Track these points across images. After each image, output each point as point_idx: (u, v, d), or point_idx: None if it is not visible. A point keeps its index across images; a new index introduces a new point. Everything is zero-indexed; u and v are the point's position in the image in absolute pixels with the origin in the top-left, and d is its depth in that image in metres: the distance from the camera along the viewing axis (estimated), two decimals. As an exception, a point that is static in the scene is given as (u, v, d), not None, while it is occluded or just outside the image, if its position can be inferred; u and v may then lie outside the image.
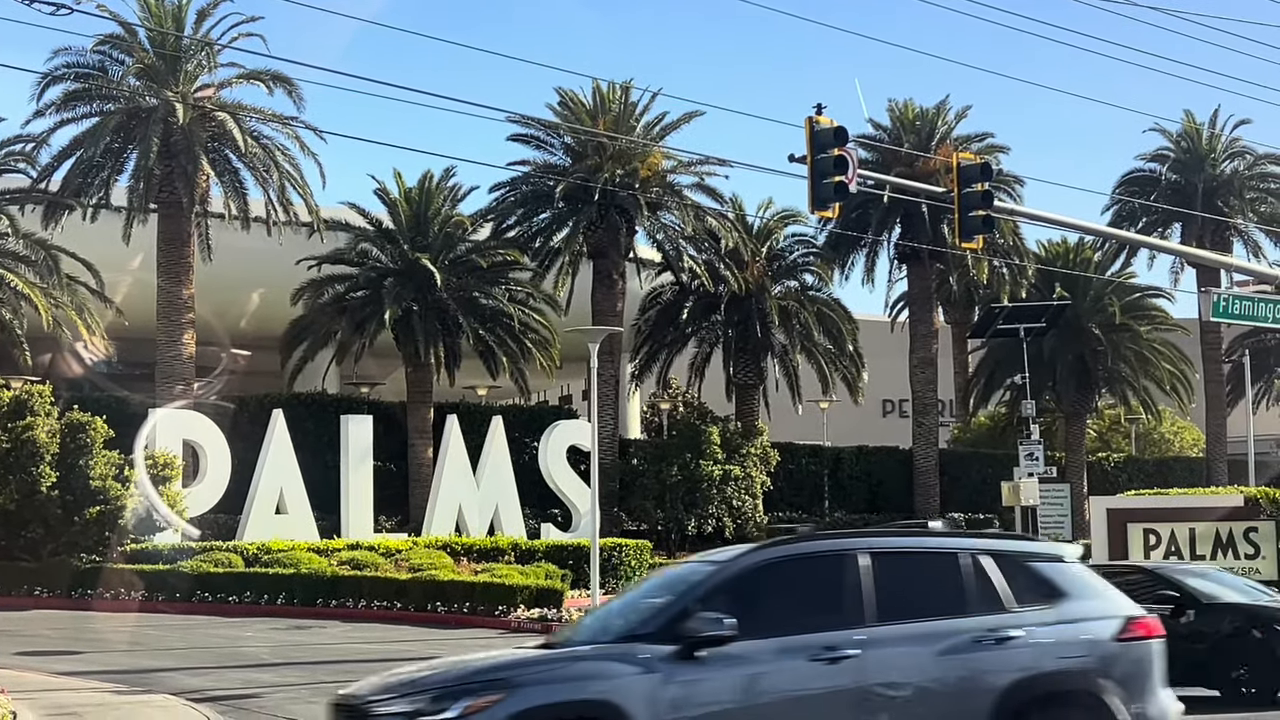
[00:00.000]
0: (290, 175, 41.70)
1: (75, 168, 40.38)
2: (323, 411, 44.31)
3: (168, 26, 40.48)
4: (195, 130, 39.87)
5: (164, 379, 40.80)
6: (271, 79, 41.04)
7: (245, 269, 46.62)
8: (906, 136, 53.84)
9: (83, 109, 40.58)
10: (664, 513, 46.15)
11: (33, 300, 38.29)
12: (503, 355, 45.24)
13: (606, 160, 46.75)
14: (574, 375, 62.38)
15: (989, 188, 27.39)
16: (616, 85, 48.15)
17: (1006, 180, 53.58)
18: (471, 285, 44.89)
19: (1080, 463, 58.26)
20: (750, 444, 48.34)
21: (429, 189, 45.36)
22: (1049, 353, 53.66)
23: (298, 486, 37.93)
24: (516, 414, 49.18)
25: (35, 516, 33.62)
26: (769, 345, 50.72)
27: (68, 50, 39.85)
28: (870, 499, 57.13)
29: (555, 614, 30.32)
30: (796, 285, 52.51)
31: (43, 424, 33.90)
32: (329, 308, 44.62)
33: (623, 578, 39.66)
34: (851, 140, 25.15)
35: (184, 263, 41.05)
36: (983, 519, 56.25)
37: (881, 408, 79.28)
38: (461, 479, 40.60)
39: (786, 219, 51.96)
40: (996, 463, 54.61)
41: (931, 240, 51.54)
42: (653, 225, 48.42)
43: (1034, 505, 36.49)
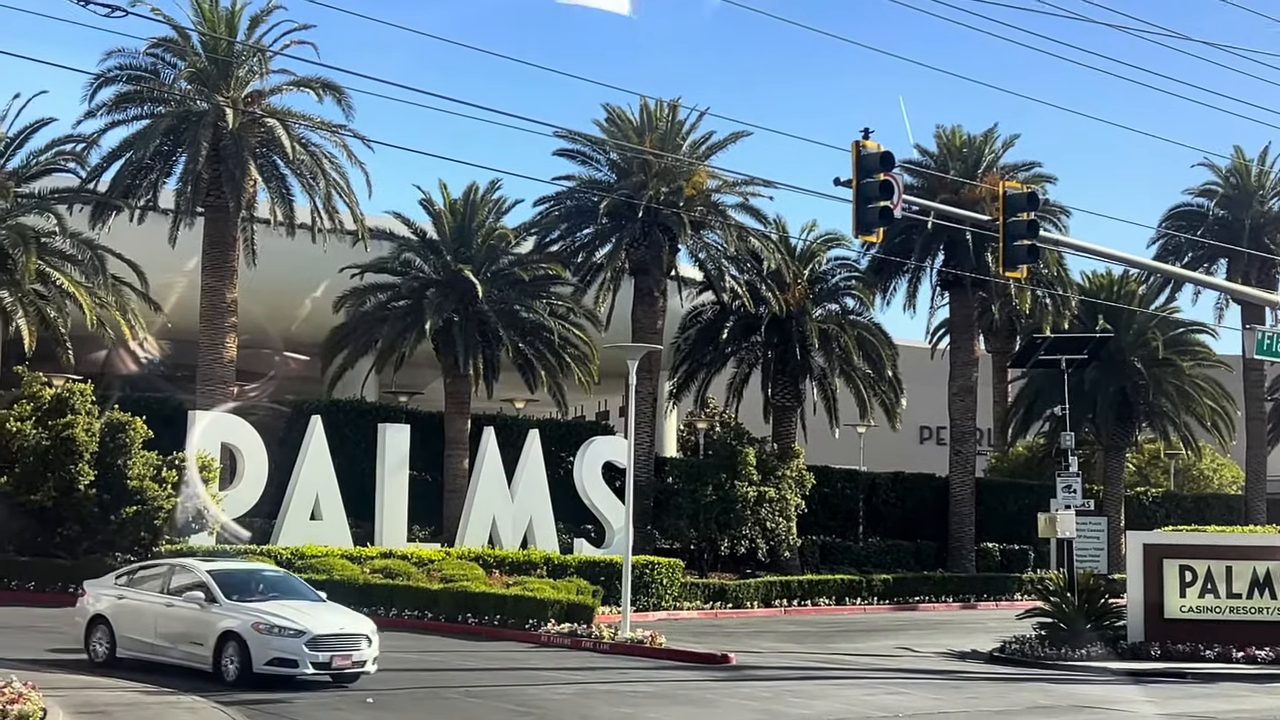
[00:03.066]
0: (336, 183, 41.87)
1: (124, 169, 40.61)
2: (361, 419, 44.44)
3: (221, 31, 40.72)
4: (244, 135, 40.09)
5: (205, 381, 40.98)
6: (322, 86, 41.23)
7: (288, 274, 46.76)
8: (953, 163, 53.71)
9: (134, 111, 40.84)
10: (698, 532, 46.05)
11: (78, 299, 38.52)
12: (541, 369, 45.25)
13: (651, 178, 46.77)
14: (612, 391, 62.40)
15: (1035, 217, 27.34)
16: (664, 103, 48.18)
17: (1052, 210, 53.44)
18: (513, 298, 44.94)
19: (1118, 496, 57.93)
20: (786, 466, 48.21)
21: (474, 201, 45.46)
22: (1090, 385, 53.37)
23: (334, 493, 38.05)
24: (553, 428, 49.21)
25: (72, 514, 33.84)
26: (808, 368, 50.59)
27: (121, 52, 40.19)
28: (905, 525, 56.90)
29: (586, 629, 30.33)
30: (838, 309, 52.37)
31: (82, 422, 34.14)
32: (370, 316, 44.74)
33: (654, 595, 39.68)
34: (897, 165, 25.16)
35: (228, 266, 41.26)
36: (1018, 550, 55.99)
37: (919, 434, 79.07)
38: (496, 491, 40.63)
39: (830, 242, 51.87)
40: (1033, 493, 54.36)
41: (975, 268, 51.36)
42: (696, 244, 48.40)
43: (1070, 538, 36.19)
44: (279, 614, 20.77)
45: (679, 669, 27.34)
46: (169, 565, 23.16)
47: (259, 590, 22.05)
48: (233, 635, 20.61)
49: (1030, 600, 40.58)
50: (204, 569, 22.08)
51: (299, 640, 20.47)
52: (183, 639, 21.35)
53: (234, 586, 21.68)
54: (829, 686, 25.63)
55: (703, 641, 31.60)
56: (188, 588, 21.61)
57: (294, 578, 24.06)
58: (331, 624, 21.11)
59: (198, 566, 22.32)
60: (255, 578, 22.78)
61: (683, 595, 41.15)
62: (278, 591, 22.19)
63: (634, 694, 22.42)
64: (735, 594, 43.12)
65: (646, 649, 29.30)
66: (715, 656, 28.84)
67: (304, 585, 23.37)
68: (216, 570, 22.13)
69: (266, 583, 22.57)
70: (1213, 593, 30.96)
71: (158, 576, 22.58)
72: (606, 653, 28.43)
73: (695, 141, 48.64)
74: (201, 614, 21.14)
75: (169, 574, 22.46)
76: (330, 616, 21.47)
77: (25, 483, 33.72)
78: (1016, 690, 25.86)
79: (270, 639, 20.41)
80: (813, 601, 44.94)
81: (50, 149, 39.74)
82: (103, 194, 40.62)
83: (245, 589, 21.85)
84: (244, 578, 22.52)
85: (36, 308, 38.48)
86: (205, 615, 21.09)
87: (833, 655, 31.51)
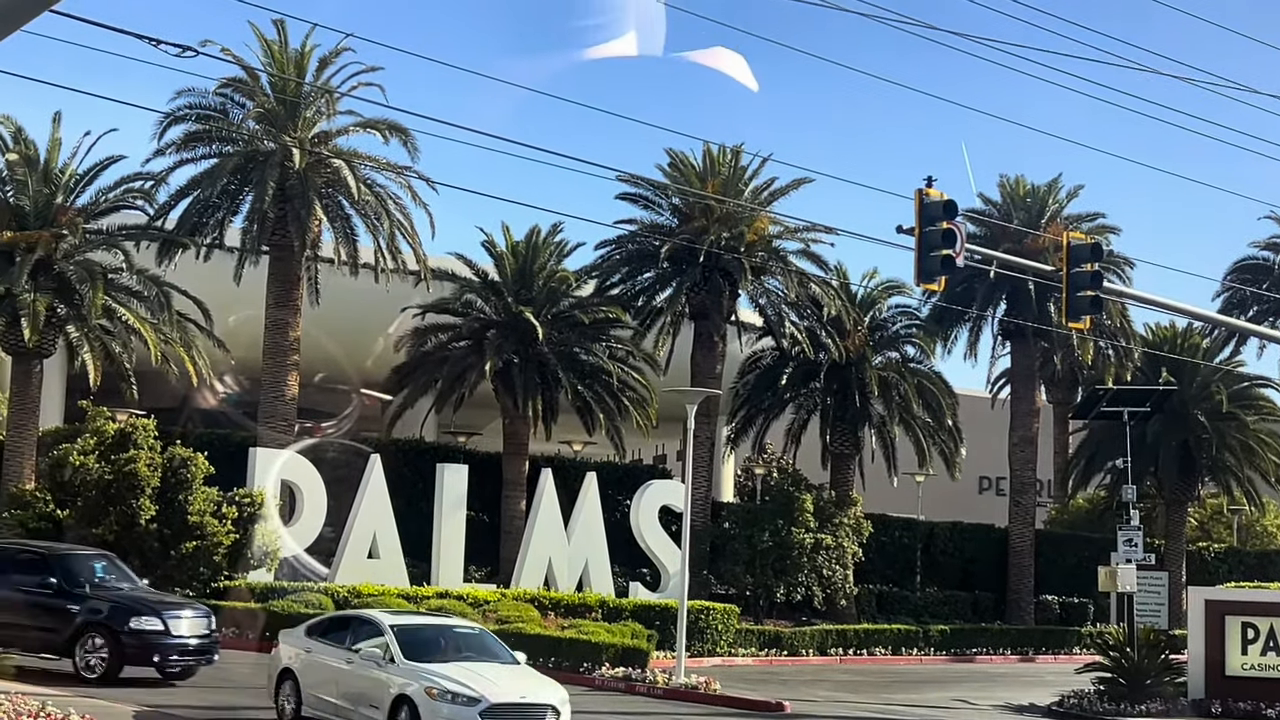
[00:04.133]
0: (400, 223, 42.16)
1: (191, 207, 41.05)
2: (419, 458, 44.60)
3: (289, 72, 41.14)
4: (310, 175, 40.46)
5: (266, 418, 41.27)
6: (388, 128, 41.57)
7: (363, 312, 47.02)
8: (1016, 213, 53.53)
9: (202, 149, 41.28)
10: (753, 578, 45.85)
11: (143, 335, 38.89)
12: (600, 412, 45.28)
13: (713, 222, 46.83)
14: (670, 435, 62.35)
15: (1098, 268, 27.26)
16: (726, 148, 48.28)
17: (1116, 261, 53.14)
18: (572, 341, 45.05)
19: (1180, 551, 57.31)
20: (843, 513, 47.98)
21: (535, 243, 45.63)
22: (1152, 438, 52.89)
23: (391, 531, 38.15)
24: (610, 471, 49.21)
25: (133, 548, 34.01)
26: (867, 415, 50.37)
27: (190, 91, 40.63)
28: (963, 576, 56.50)
29: (640, 674, 30.26)
30: (898, 356, 52.15)
31: (145, 457, 34.40)
32: (431, 355, 44.95)
33: (709, 641, 39.52)
34: (960, 214, 25.10)
35: (292, 305, 41.59)
36: (1077, 603, 55.44)
37: (978, 484, 78.56)
38: (553, 533, 40.63)
39: (890, 289, 51.72)
40: (1094, 546, 53.83)
41: (1037, 318, 51.09)
42: (756, 289, 48.41)
43: (1131, 592, 35.83)
44: (455, 678, 18.79)
45: (733, 716, 27.24)
46: (354, 617, 21.72)
47: (445, 649, 20.19)
48: (405, 700, 18.76)
49: (1089, 654, 40.09)
50: (387, 623, 20.26)
51: (472, 710, 18.43)
52: (361, 700, 19.59)
53: (416, 644, 19.83)
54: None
55: (757, 689, 31.45)
56: (367, 644, 19.93)
57: (488, 635, 21.64)
58: (511, 691, 18.94)
59: (381, 621, 20.49)
60: (443, 635, 20.82)
61: (738, 641, 40.98)
62: (470, 650, 20.32)
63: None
64: (790, 641, 42.90)
65: (700, 695, 29.20)
66: (770, 704, 28.69)
67: (498, 645, 21.17)
68: (400, 625, 20.33)
69: (456, 641, 20.66)
70: (1275, 650, 30.52)
71: (343, 629, 21.01)
72: (660, 698, 28.34)
73: (757, 187, 48.69)
74: (378, 674, 19.44)
75: (353, 627, 20.87)
76: (514, 683, 19.32)
77: (88, 516, 33.98)
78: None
79: (440, 706, 18.47)
80: (869, 651, 44.61)
81: (119, 186, 40.13)
82: (170, 231, 41.03)
83: (429, 647, 19.98)
84: (430, 635, 20.59)
85: (102, 343, 38.85)
86: (381, 676, 19.37)
87: (888, 706, 31.26)
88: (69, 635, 23.96)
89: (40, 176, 39.07)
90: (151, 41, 15.72)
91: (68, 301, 38.30)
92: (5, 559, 25.83)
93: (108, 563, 26.79)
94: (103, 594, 24.81)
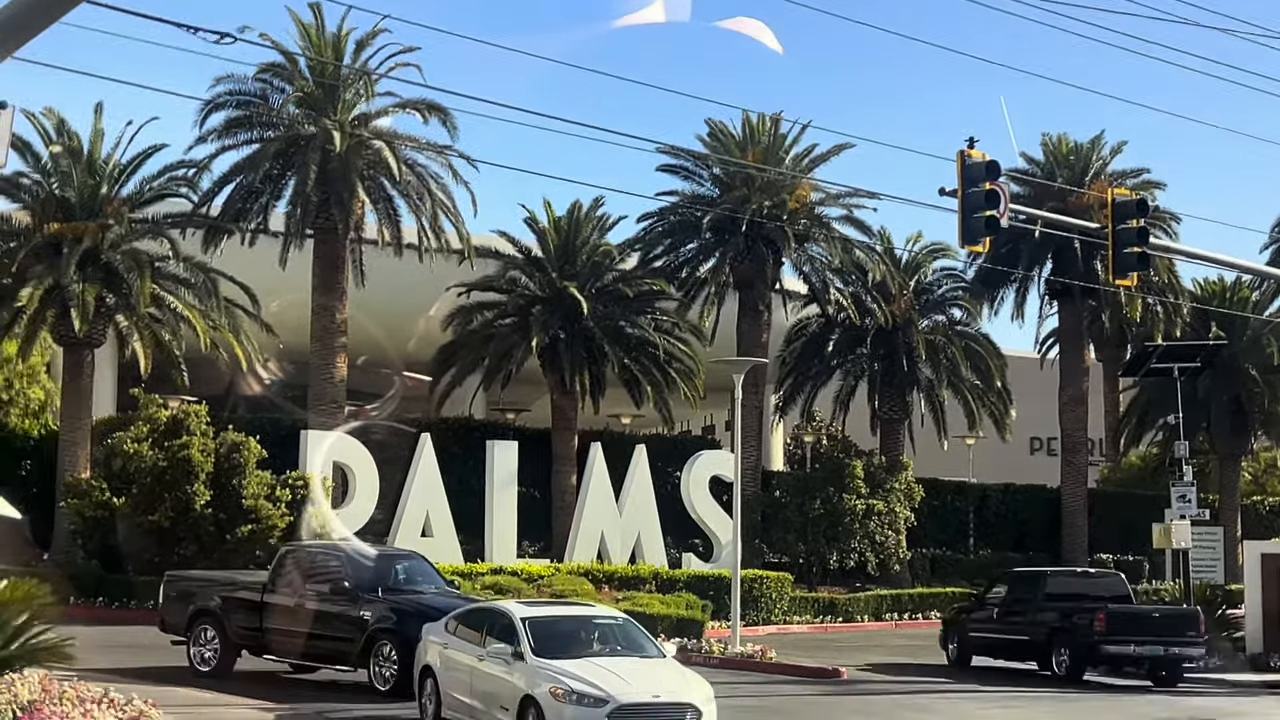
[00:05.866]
0: (443, 203, 42.24)
1: (235, 193, 41.26)
2: (469, 436, 44.78)
3: (327, 56, 41.25)
4: (352, 158, 40.59)
5: (316, 401, 41.50)
6: (427, 108, 41.65)
7: (405, 294, 47.20)
8: (1060, 171, 53.14)
9: (243, 135, 41.43)
10: (806, 546, 45.86)
11: (191, 322, 39.18)
12: (647, 384, 45.32)
13: (754, 191, 46.75)
14: (718, 406, 62.38)
15: (1144, 224, 27.05)
16: (766, 117, 48.15)
17: (1162, 217, 52.68)
18: (617, 314, 45.08)
19: (1234, 506, 56.95)
20: (894, 479, 47.90)
21: (577, 218, 45.66)
22: (1203, 393, 52.50)
23: (443, 510, 38.32)
24: (660, 443, 49.26)
25: (189, 534, 34.36)
26: (915, 380, 50.25)
27: (230, 78, 40.77)
28: (1016, 537, 56.32)
29: (695, 644, 30.37)
30: (944, 319, 52.01)
31: (198, 443, 34.69)
32: (477, 334, 45.08)
33: (763, 610, 39.61)
34: (1003, 174, 24.95)
35: (338, 287, 41.76)
36: (1132, 561, 55.20)
37: (1029, 445, 78.19)
38: (604, 507, 40.74)
39: (935, 253, 51.53)
40: (1147, 504, 53.48)
41: (1084, 276, 50.77)
42: (799, 257, 48.31)
43: (1185, 548, 35.66)
44: (584, 676, 16.98)
45: (790, 683, 27.30)
46: (489, 609, 19.77)
47: (582, 642, 18.37)
48: (532, 702, 17.06)
49: (1146, 612, 39.92)
50: (519, 615, 18.47)
51: (599, 711, 16.59)
52: (492, 701, 17.98)
53: (550, 638, 18.02)
54: (943, 700, 25.47)
55: (813, 656, 31.51)
56: (497, 639, 18.15)
57: (632, 626, 19.28)
58: (644, 690, 16.95)
59: (513, 612, 18.67)
60: (582, 627, 18.94)
61: (792, 609, 41.05)
62: (614, 643, 18.51)
63: (744, 708, 22.39)
64: (845, 608, 42.93)
65: (757, 663, 29.29)
66: (826, 670, 28.75)
67: (643, 636, 19.02)
68: (533, 618, 18.47)
69: (594, 633, 18.78)
70: (1333, 602, 30.39)
71: (479, 622, 19.16)
72: (717, 667, 28.41)
73: (798, 154, 48.56)
74: (506, 673, 17.75)
75: (486, 620, 19.05)
76: (649, 680, 17.27)
77: (143, 503, 34.32)
78: (1134, 704, 25.54)
79: (565, 708, 16.68)
80: (924, 615, 44.57)
81: (162, 174, 40.41)
82: (214, 218, 41.28)
83: (565, 641, 18.16)
84: (566, 628, 18.72)
85: (151, 331, 39.18)
86: (509, 675, 17.69)
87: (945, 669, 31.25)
88: (363, 644, 22.49)
89: (84, 168, 39.39)
90: (189, 29, 15.78)
91: (116, 291, 38.63)
92: (302, 561, 24.68)
93: (411, 563, 25.46)
94: (395, 599, 23.10)
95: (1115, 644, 28.75)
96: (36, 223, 38.99)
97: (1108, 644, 28.79)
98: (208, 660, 24.24)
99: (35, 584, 16.83)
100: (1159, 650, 28.78)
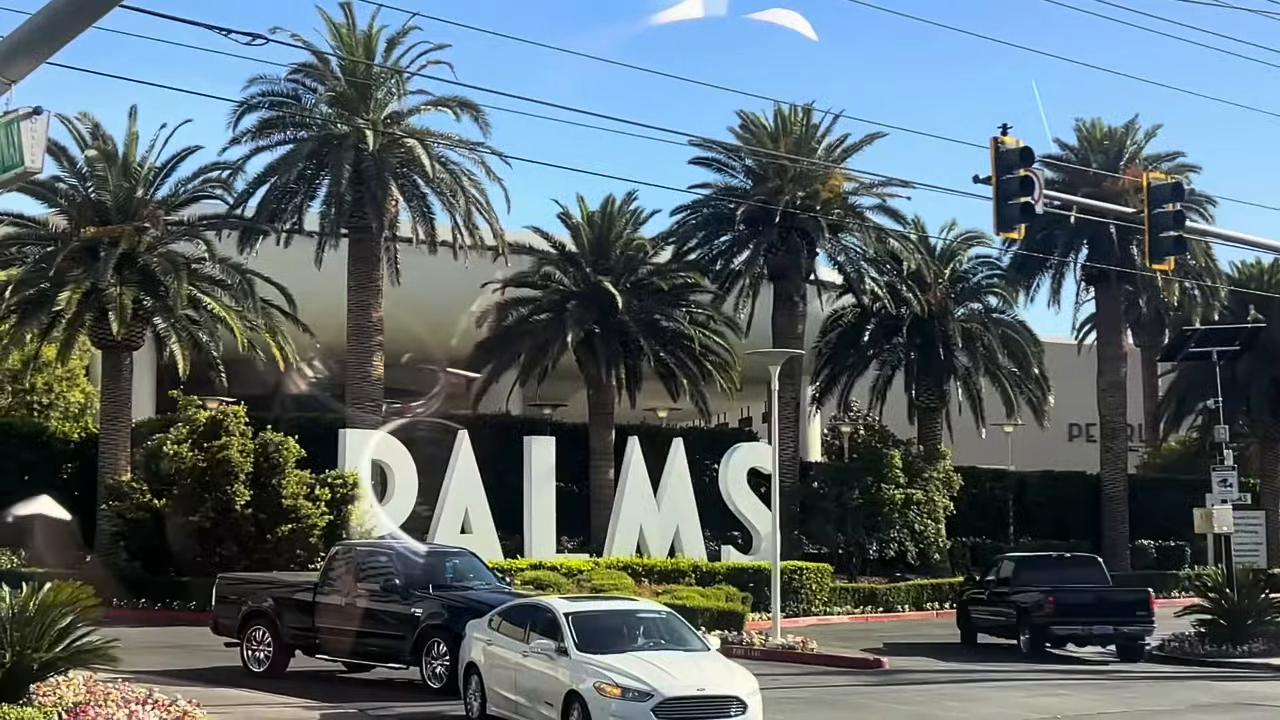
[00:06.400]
0: (476, 200, 42.28)
1: (269, 194, 41.37)
2: (506, 432, 44.81)
3: (359, 55, 41.33)
4: (385, 156, 40.68)
5: (354, 399, 41.63)
6: (459, 105, 41.70)
7: (445, 291, 47.27)
8: (1094, 156, 52.88)
9: (277, 136, 41.53)
10: (845, 536, 45.81)
11: (228, 323, 39.34)
12: (683, 377, 45.33)
13: (787, 182, 46.65)
14: (754, 398, 62.30)
15: (1180, 208, 26.92)
16: (798, 107, 48.03)
17: (1198, 200, 52.42)
18: (652, 308, 45.08)
19: (1275, 489, 56.66)
20: (933, 467, 47.79)
21: (611, 212, 45.67)
22: (1243, 377, 52.24)
23: (482, 506, 38.39)
24: (697, 436, 49.25)
25: (229, 534, 34.52)
26: (952, 368, 50.11)
27: (262, 79, 40.90)
28: (1056, 525, 56.10)
29: (736, 636, 30.37)
30: (980, 307, 51.83)
31: (237, 444, 34.84)
32: (513, 330, 45.15)
33: (803, 601, 39.56)
34: (1037, 160, 24.82)
35: (373, 286, 41.87)
36: (1174, 546, 54.94)
37: (1068, 431, 77.88)
38: (642, 500, 40.75)
39: (970, 240, 51.33)
40: (1188, 489, 53.21)
41: (1120, 261, 50.54)
42: (834, 247, 48.19)
43: (1228, 533, 35.49)
44: (629, 671, 16.86)
45: (831, 674, 27.29)
46: (532, 605, 19.86)
47: (626, 637, 18.24)
48: (577, 697, 16.95)
49: (1188, 597, 39.80)
50: (562, 610, 18.44)
51: (644, 705, 16.46)
52: (536, 698, 17.94)
53: (594, 633, 17.90)
54: (985, 689, 25.39)
55: (854, 646, 31.46)
56: (541, 634, 18.17)
57: (675, 619, 19.17)
58: (689, 684, 16.83)
59: (556, 608, 18.64)
60: (625, 621, 18.81)
61: (832, 600, 40.99)
62: (659, 637, 18.40)
63: (786, 699, 22.37)
64: (885, 598, 42.83)
65: (798, 654, 29.27)
66: (868, 661, 28.72)
67: (687, 629, 19.02)
68: (576, 613, 18.43)
69: (638, 627, 18.64)
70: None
71: (522, 618, 19.18)
72: (758, 659, 28.40)
73: (830, 144, 48.41)
74: (550, 668, 17.69)
75: (530, 615, 19.07)
76: (694, 673, 17.17)
77: (184, 504, 34.47)
78: (1177, 689, 25.43)
79: (611, 703, 16.56)
80: (965, 604, 44.43)
81: (197, 176, 40.56)
82: (249, 219, 41.42)
83: (609, 636, 18.00)
84: (610, 623, 18.58)
85: (189, 332, 39.35)
86: (553, 670, 17.64)
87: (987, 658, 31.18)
88: (414, 642, 22.38)
89: (120, 171, 39.57)
90: (221, 31, 15.85)
91: (153, 293, 38.81)
92: (353, 560, 24.58)
93: (462, 560, 25.39)
94: (447, 595, 22.94)
95: (1065, 625, 31.41)
96: (73, 227, 39.22)
97: (1057, 625, 31.48)
98: (261, 661, 24.36)
99: (79, 586, 16.93)
100: (1108, 629, 31.28)
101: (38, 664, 16.32)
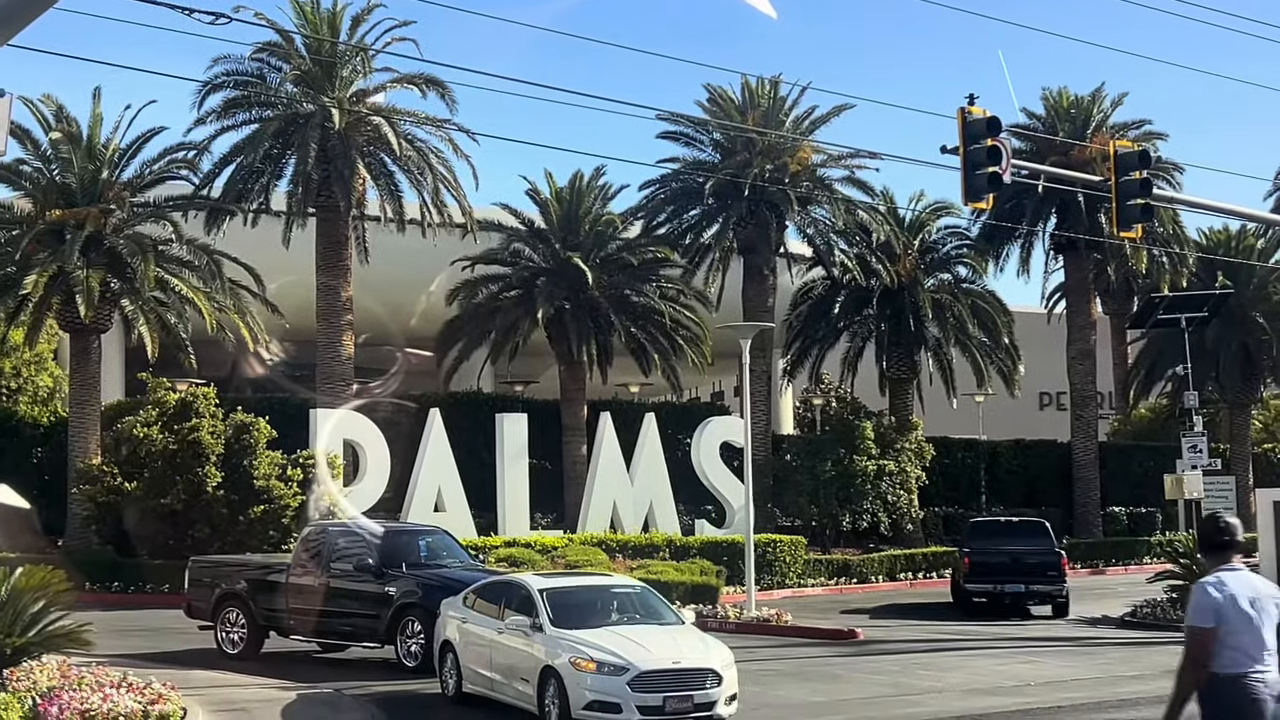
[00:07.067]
0: (444, 177, 42.12)
1: (236, 174, 41.13)
2: (478, 410, 44.82)
3: (323, 33, 41.12)
4: (351, 135, 40.50)
5: (324, 379, 41.50)
6: (425, 82, 41.52)
7: (405, 270, 47.13)
8: (1061, 125, 52.96)
9: (242, 116, 41.31)
10: (818, 508, 45.93)
11: (197, 304, 39.15)
12: (654, 352, 45.35)
13: (756, 156, 46.60)
14: (726, 372, 62.38)
15: (1147, 175, 27.00)
16: (765, 80, 48.01)
17: (1165, 167, 52.56)
18: (622, 283, 45.05)
19: (1245, 454, 56.98)
20: (904, 438, 47.93)
21: (579, 188, 45.60)
22: (1211, 343, 52.49)
23: (455, 484, 38.37)
24: (669, 411, 49.29)
25: (202, 516, 34.45)
26: (922, 339, 50.21)
27: (227, 59, 40.64)
28: (1028, 493, 56.36)
29: (711, 610, 30.42)
30: (950, 278, 51.93)
31: (207, 425, 34.74)
32: (483, 307, 45.06)
33: (777, 574, 39.69)
34: (1004, 130, 24.85)
35: (342, 265, 41.71)
36: (1145, 513, 55.23)
37: (1038, 400, 78.26)
38: (616, 476, 40.78)
39: (939, 211, 51.40)
40: (1158, 455, 53.60)
41: (1088, 230, 50.66)
42: (803, 220, 48.18)
43: (1198, 498, 35.72)
44: (603, 645, 16.91)
45: (806, 645, 27.39)
46: (506, 582, 19.82)
47: (600, 612, 18.36)
48: (553, 672, 17.00)
49: (1159, 564, 40.06)
50: (537, 587, 18.43)
51: (620, 679, 16.52)
52: (512, 674, 18.04)
53: (569, 609, 17.96)
54: (958, 658, 25.51)
55: (828, 617, 31.56)
56: (516, 611, 18.18)
57: (650, 594, 19.34)
58: (664, 657, 16.90)
59: (530, 584, 18.65)
60: (600, 596, 19.00)
61: (806, 572, 41.13)
62: (629, 612, 18.50)
63: (763, 672, 22.45)
64: (859, 569, 42.99)
65: (773, 627, 29.37)
66: (842, 632, 28.83)
67: (661, 604, 19.06)
68: (551, 589, 18.42)
69: (613, 602, 18.81)
70: (1348, 549, 30.32)
71: (497, 595, 19.17)
72: (733, 632, 28.48)
73: (798, 117, 48.39)
74: (526, 644, 17.74)
75: (504, 592, 19.09)
76: (669, 646, 17.20)
77: (155, 487, 34.39)
78: (1149, 654, 25.56)
79: (586, 677, 16.61)
80: (938, 573, 44.61)
81: (163, 157, 40.29)
82: (216, 199, 41.18)
83: (583, 611, 18.08)
84: (585, 598, 18.68)
85: (157, 314, 39.14)
86: (528, 647, 17.67)
87: (961, 627, 31.32)
88: (389, 621, 22.41)
89: (84, 153, 39.31)
90: (184, 11, 15.77)
91: (120, 276, 38.60)
92: (325, 540, 24.47)
93: (434, 538, 25.47)
94: (420, 574, 23.00)
95: (979, 583, 33.61)
96: (38, 210, 38.98)
97: (971, 583, 33.76)
98: (236, 643, 24.40)
99: (50, 571, 16.88)
100: (1020, 588, 33.25)
101: (10, 649, 16.28)
